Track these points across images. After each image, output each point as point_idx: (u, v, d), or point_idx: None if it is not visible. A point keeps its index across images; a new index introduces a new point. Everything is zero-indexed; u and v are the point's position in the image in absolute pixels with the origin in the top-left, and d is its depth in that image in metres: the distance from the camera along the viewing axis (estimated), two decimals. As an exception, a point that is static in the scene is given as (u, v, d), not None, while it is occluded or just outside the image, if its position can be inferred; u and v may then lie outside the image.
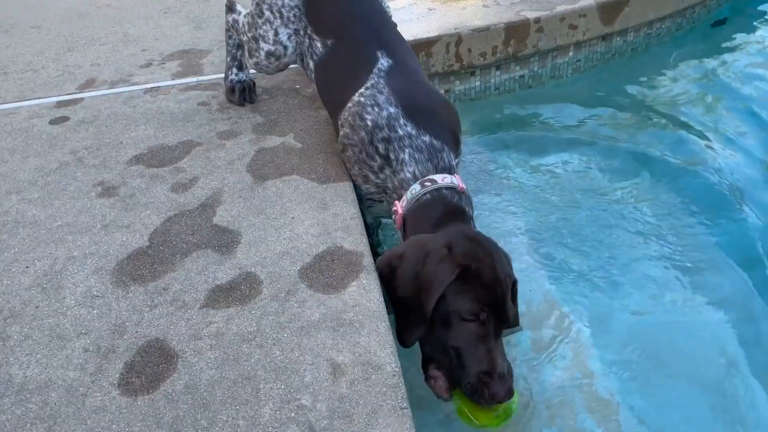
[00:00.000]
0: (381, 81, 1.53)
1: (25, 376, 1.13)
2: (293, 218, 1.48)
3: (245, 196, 1.57)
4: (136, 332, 1.20)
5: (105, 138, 1.85)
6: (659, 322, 1.65)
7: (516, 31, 2.46)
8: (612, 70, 2.79)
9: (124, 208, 1.55)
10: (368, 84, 1.54)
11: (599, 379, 1.48)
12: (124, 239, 1.45)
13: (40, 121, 1.97)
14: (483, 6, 2.60)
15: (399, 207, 1.43)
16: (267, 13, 1.76)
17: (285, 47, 1.79)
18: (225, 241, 1.42)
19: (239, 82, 1.98)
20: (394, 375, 1.08)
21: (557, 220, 1.98)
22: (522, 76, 2.63)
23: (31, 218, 1.53)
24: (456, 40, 2.39)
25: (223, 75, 2.06)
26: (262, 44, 1.80)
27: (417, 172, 1.43)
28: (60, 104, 2.07)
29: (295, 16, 1.76)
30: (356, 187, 1.58)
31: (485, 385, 1.15)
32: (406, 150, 1.45)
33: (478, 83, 2.56)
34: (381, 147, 1.47)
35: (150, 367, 1.13)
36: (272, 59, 1.83)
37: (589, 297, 1.72)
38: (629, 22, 2.71)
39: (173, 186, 1.62)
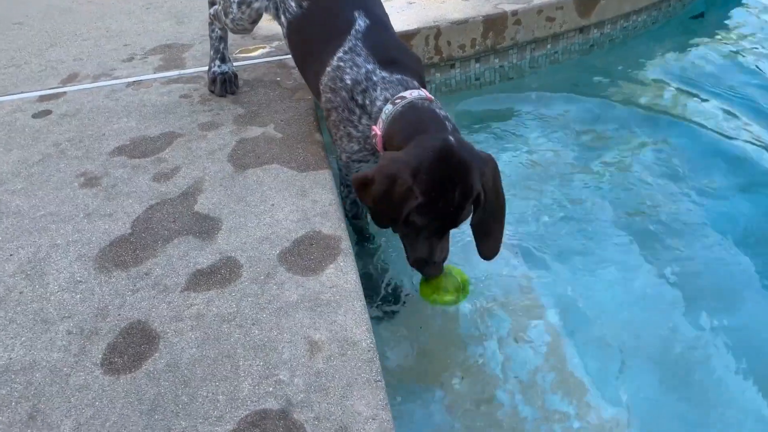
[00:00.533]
0: (359, 43, 1.55)
1: (10, 358, 1.16)
2: (273, 205, 1.51)
3: (226, 184, 1.60)
4: (119, 315, 1.23)
5: (87, 130, 1.88)
6: (632, 306, 1.71)
7: (494, 23, 2.50)
8: (590, 62, 2.84)
9: (107, 197, 1.58)
10: (346, 47, 1.56)
11: (572, 362, 1.53)
12: (107, 227, 1.47)
13: (23, 115, 1.99)
14: (462, -1, 2.64)
15: (377, 129, 1.46)
16: None
17: None
18: (206, 227, 1.45)
19: (221, 73, 2.01)
20: (368, 350, 1.12)
21: (534, 208, 2.02)
22: (502, 67, 2.67)
23: (15, 208, 1.56)
24: (435, 32, 2.43)
25: (205, 68, 2.09)
26: None
27: (387, 96, 1.47)
28: (43, 98, 2.09)
29: None
30: (341, 156, 1.61)
31: (423, 266, 1.41)
32: (378, 88, 1.49)
33: (458, 75, 2.60)
34: (359, 98, 1.51)
35: (132, 347, 1.16)
36: (243, 7, 1.82)
37: (563, 282, 1.76)
38: (606, 14, 2.76)
39: (155, 176, 1.65)
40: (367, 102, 1.50)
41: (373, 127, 1.47)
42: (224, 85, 1.99)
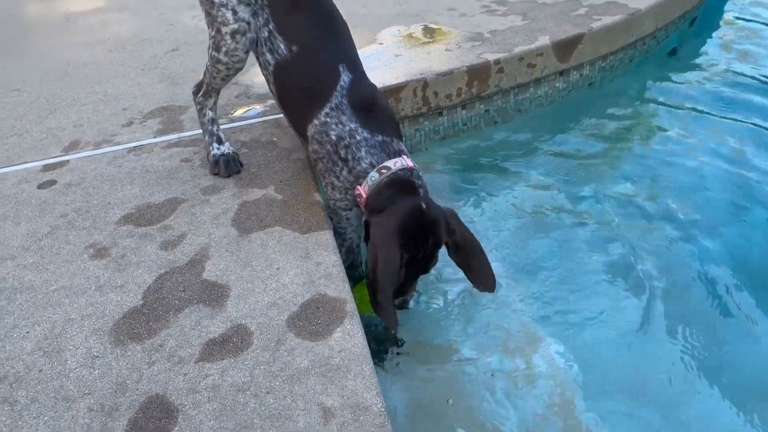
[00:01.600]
0: (344, 101, 1.70)
1: (34, 439, 1.20)
2: (278, 269, 1.57)
3: (231, 249, 1.66)
4: (137, 389, 1.28)
5: (93, 200, 1.94)
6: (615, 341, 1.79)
7: (478, 72, 2.61)
8: (571, 103, 2.95)
9: (117, 268, 1.63)
10: (333, 104, 1.71)
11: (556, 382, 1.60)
12: (119, 299, 1.53)
13: (28, 186, 2.05)
14: (446, 50, 2.75)
15: (362, 191, 1.65)
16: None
17: (248, 23, 1.85)
18: (215, 295, 1.51)
19: (222, 155, 2.02)
20: (380, 414, 1.18)
21: (521, 245, 2.11)
22: (487, 111, 2.77)
23: (28, 283, 1.61)
24: (422, 84, 2.53)
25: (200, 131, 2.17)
26: (225, 29, 1.85)
27: (373, 162, 1.66)
28: (46, 167, 2.15)
29: None
30: (329, 203, 1.81)
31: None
32: (362, 149, 1.67)
33: (445, 122, 2.70)
34: (342, 152, 1.68)
35: (152, 422, 1.21)
36: (238, 36, 1.85)
37: (554, 319, 1.84)
38: (584, 57, 2.88)
39: (162, 244, 1.71)
40: (350, 158, 1.67)
41: (359, 188, 1.66)
42: (228, 165, 2.01)
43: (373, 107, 1.73)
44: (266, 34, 1.85)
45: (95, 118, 2.50)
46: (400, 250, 1.52)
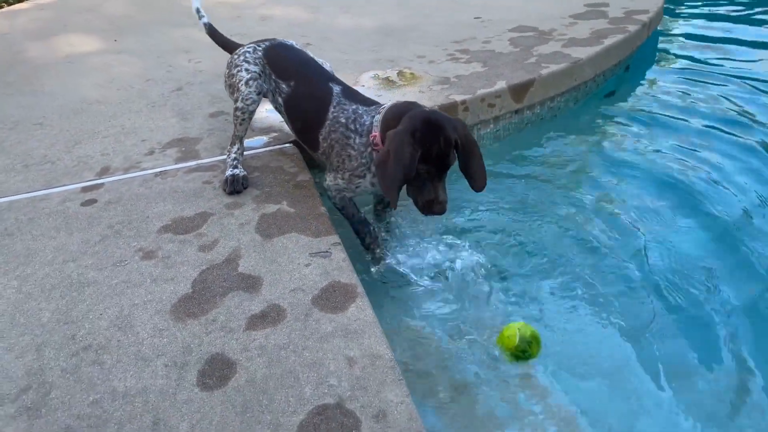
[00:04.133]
0: (342, 99, 2.30)
1: (126, 387, 1.57)
2: (299, 264, 1.98)
3: (258, 250, 2.06)
4: (200, 350, 1.66)
5: (133, 214, 2.31)
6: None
7: (447, 111, 3.09)
8: (525, 137, 3.46)
9: (165, 266, 2.01)
10: (334, 103, 2.29)
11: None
12: (172, 288, 1.91)
13: (72, 204, 2.41)
14: (419, 92, 3.24)
15: (375, 132, 2.12)
16: (238, 63, 2.51)
17: (257, 73, 2.49)
18: (251, 283, 1.91)
19: (231, 175, 2.43)
20: (390, 360, 1.59)
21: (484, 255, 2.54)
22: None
23: (92, 279, 1.97)
24: (401, 120, 3.00)
25: (218, 158, 2.57)
26: (240, 80, 2.46)
27: (372, 115, 2.19)
28: (85, 189, 2.52)
29: (257, 61, 2.50)
30: (344, 175, 2.25)
31: (431, 206, 1.98)
32: (364, 115, 2.22)
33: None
34: (352, 126, 2.21)
35: (217, 372, 1.59)
36: (251, 82, 2.46)
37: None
38: (535, 98, 3.41)
39: (200, 247, 2.10)
40: (358, 126, 2.21)
41: (372, 134, 2.13)
42: (233, 184, 2.41)
43: (362, 95, 2.36)
44: (273, 85, 2.49)
45: (119, 147, 2.87)
46: (413, 146, 1.87)
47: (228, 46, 2.83)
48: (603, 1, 4.87)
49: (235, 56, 2.57)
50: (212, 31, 2.89)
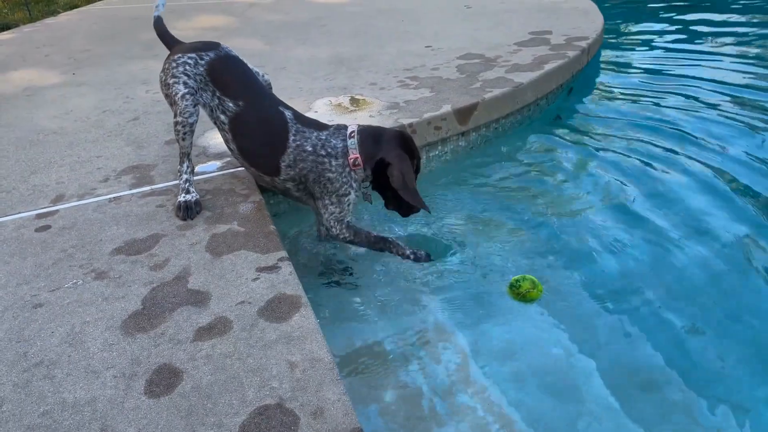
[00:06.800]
0: (300, 127, 2.46)
1: (75, 398, 1.63)
2: (247, 279, 2.07)
3: (208, 267, 2.15)
4: (149, 361, 1.74)
5: (86, 238, 2.38)
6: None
7: (395, 134, 3.24)
8: (472, 159, 3.63)
9: (117, 285, 2.09)
10: (293, 131, 2.44)
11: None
12: (123, 306, 1.98)
13: (26, 230, 2.47)
14: (369, 116, 3.39)
15: (354, 154, 2.40)
16: (176, 75, 2.50)
17: (194, 89, 2.51)
18: (200, 298, 1.99)
19: (184, 201, 2.50)
20: (329, 362, 1.69)
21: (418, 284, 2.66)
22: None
23: (44, 300, 2.03)
24: (351, 143, 3.13)
25: (171, 183, 2.66)
26: (177, 92, 2.48)
27: (341, 139, 2.44)
28: (39, 216, 2.58)
29: (197, 78, 2.51)
30: (331, 199, 2.45)
31: (412, 207, 2.53)
32: (331, 140, 2.43)
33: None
34: (322, 152, 2.41)
35: (165, 380, 1.67)
36: (188, 96, 2.49)
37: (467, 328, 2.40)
38: (479, 121, 3.59)
39: (151, 266, 2.18)
40: (330, 150, 2.41)
41: (350, 155, 2.39)
42: (186, 210, 2.48)
43: (311, 119, 2.53)
44: (216, 101, 2.53)
45: (74, 175, 2.95)
46: (409, 162, 2.41)
47: (171, 46, 2.69)
48: (546, 29, 5.14)
49: (174, 64, 2.50)
50: (159, 26, 2.75)
